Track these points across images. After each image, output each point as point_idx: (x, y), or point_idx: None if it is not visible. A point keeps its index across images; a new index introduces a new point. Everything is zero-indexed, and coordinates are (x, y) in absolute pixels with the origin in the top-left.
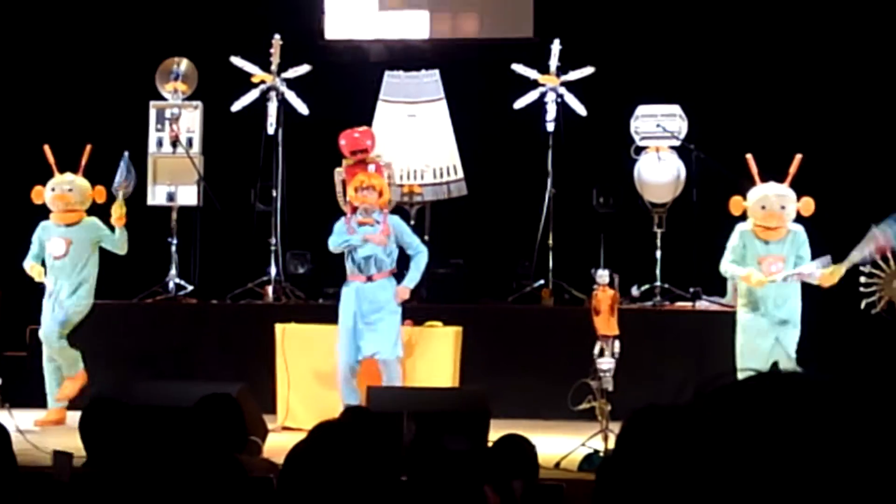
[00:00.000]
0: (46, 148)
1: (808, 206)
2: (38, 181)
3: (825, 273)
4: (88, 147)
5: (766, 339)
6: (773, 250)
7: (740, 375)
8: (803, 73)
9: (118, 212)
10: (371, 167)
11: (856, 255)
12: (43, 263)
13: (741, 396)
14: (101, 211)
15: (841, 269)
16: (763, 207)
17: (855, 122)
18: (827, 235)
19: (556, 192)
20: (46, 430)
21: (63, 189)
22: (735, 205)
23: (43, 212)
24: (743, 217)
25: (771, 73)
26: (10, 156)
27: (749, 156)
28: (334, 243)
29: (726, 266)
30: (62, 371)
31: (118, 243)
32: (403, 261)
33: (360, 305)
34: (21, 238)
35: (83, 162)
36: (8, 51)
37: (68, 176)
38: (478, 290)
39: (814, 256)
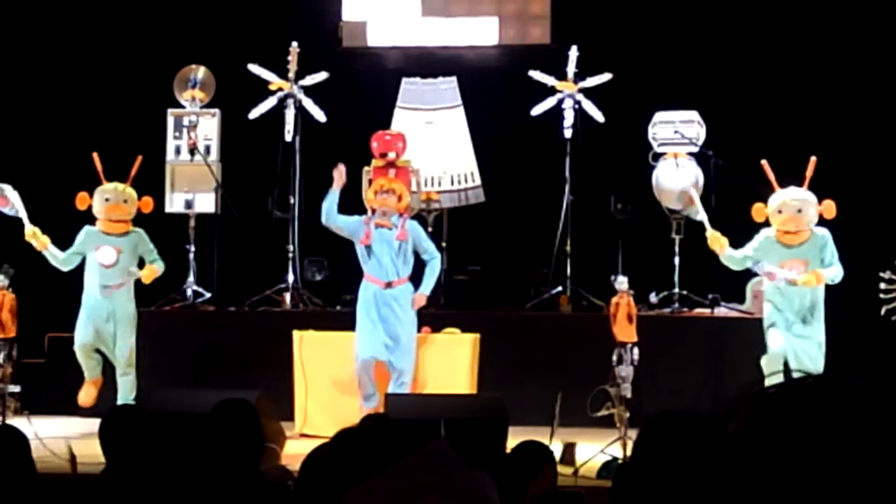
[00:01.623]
0: (95, 155)
1: (829, 208)
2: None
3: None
4: (139, 158)
5: (790, 341)
6: (795, 254)
7: (769, 379)
8: (822, 78)
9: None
10: (392, 172)
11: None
12: (81, 265)
13: (764, 405)
14: (142, 221)
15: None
16: (780, 212)
17: (875, 123)
18: (854, 237)
19: (573, 199)
20: (68, 436)
21: (120, 200)
22: (757, 212)
23: (59, 218)
24: (768, 223)
25: (789, 78)
26: (23, 162)
27: (764, 161)
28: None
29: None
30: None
31: (157, 268)
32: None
33: (379, 309)
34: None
35: (133, 172)
36: (23, 57)
37: (120, 186)
38: (495, 297)
39: (847, 262)
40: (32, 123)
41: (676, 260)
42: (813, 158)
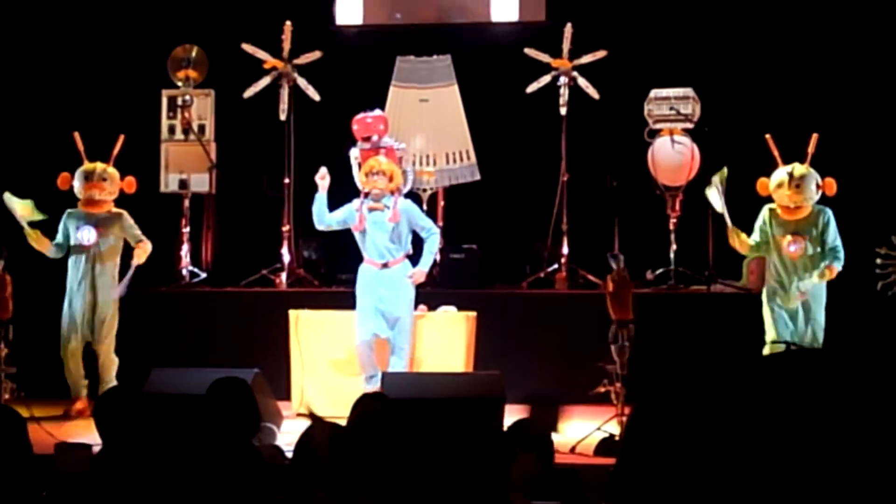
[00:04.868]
0: (76, 135)
1: (829, 186)
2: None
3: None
4: (121, 137)
5: (790, 314)
6: (794, 229)
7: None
8: (817, 53)
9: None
10: (382, 153)
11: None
12: (68, 252)
13: (752, 377)
14: (126, 202)
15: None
16: (779, 186)
17: (872, 100)
18: (850, 212)
19: (569, 177)
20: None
21: (100, 179)
22: (761, 186)
23: (56, 199)
24: (772, 198)
25: (784, 53)
26: (17, 145)
27: (768, 136)
28: (318, 218)
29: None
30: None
31: (143, 250)
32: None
33: (377, 290)
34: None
35: (115, 152)
36: (17, 38)
37: (100, 165)
38: (491, 276)
39: (843, 237)
40: (26, 105)
41: (672, 237)
42: (815, 135)
